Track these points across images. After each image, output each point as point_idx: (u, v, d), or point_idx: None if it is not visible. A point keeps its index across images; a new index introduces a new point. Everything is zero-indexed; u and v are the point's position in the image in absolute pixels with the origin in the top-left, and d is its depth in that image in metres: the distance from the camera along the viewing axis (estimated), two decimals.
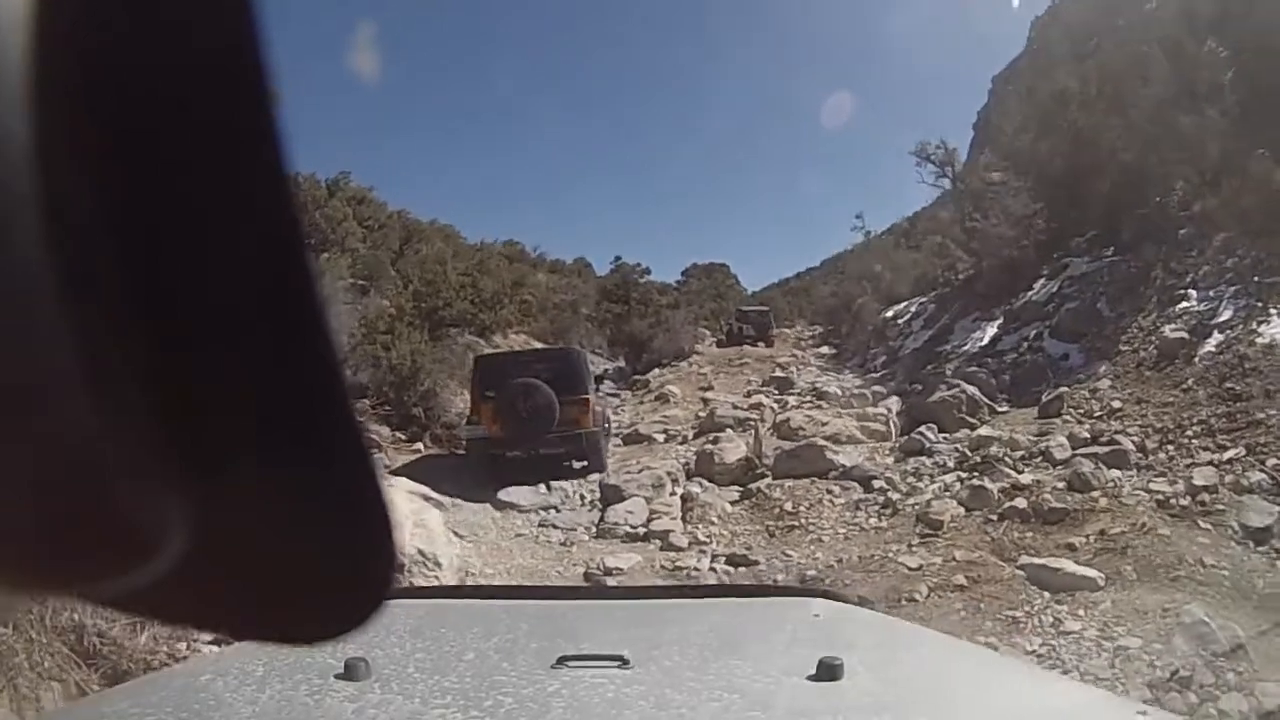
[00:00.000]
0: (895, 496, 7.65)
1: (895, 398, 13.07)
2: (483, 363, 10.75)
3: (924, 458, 8.82)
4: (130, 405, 0.25)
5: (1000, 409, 10.81)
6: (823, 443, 8.68)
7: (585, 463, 10.04)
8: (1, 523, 0.25)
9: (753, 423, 11.60)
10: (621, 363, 22.30)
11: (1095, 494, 6.85)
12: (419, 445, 12.03)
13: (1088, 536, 6.26)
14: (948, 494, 7.42)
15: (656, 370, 20.42)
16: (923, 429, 9.41)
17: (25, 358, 0.23)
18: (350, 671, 1.07)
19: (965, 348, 14.61)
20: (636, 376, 19.61)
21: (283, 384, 0.29)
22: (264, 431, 0.29)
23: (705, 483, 8.97)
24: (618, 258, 25.76)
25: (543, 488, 9.36)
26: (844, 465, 8.43)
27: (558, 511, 8.81)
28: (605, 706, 0.98)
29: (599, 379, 13.30)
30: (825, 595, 1.76)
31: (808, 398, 14.40)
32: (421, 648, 1.22)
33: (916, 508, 7.15)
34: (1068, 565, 5.74)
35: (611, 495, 8.71)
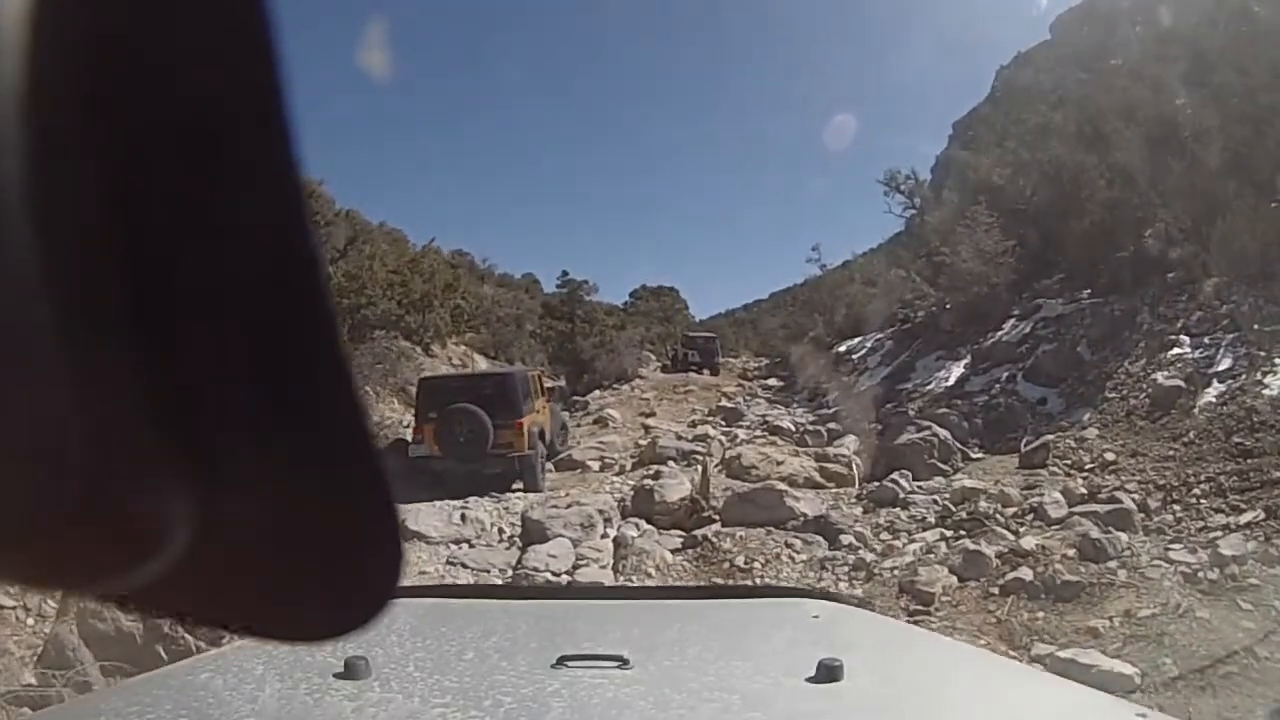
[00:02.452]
0: (868, 556, 6.35)
1: (853, 436, 11.99)
2: (426, 384, 11.20)
3: (898, 510, 7.55)
4: (132, 402, 0.25)
5: (974, 455, 9.75)
6: (781, 486, 7.30)
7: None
8: (4, 519, 0.24)
9: (699, 457, 10.22)
10: (561, 382, 20.97)
11: (1111, 564, 5.64)
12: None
13: (1111, 619, 5.05)
14: (932, 557, 6.12)
15: (597, 392, 19.41)
16: (895, 476, 8.14)
17: (27, 354, 0.23)
18: (350, 670, 1.06)
19: (929, 387, 13.67)
20: (576, 398, 18.27)
21: (287, 381, 0.28)
22: (268, 429, 0.29)
23: (643, 525, 7.52)
24: (564, 272, 24.43)
25: (457, 516, 7.93)
26: (805, 514, 7.09)
27: (470, 547, 7.64)
28: (605, 706, 0.98)
29: (558, 391, 13.68)
30: (825, 596, 1.80)
31: (759, 432, 13.11)
32: (421, 647, 1.21)
33: (898, 573, 5.84)
34: (1096, 659, 4.48)
35: (534, 533, 7.20)
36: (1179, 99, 13.39)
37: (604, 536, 7.27)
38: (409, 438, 11.64)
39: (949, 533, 6.56)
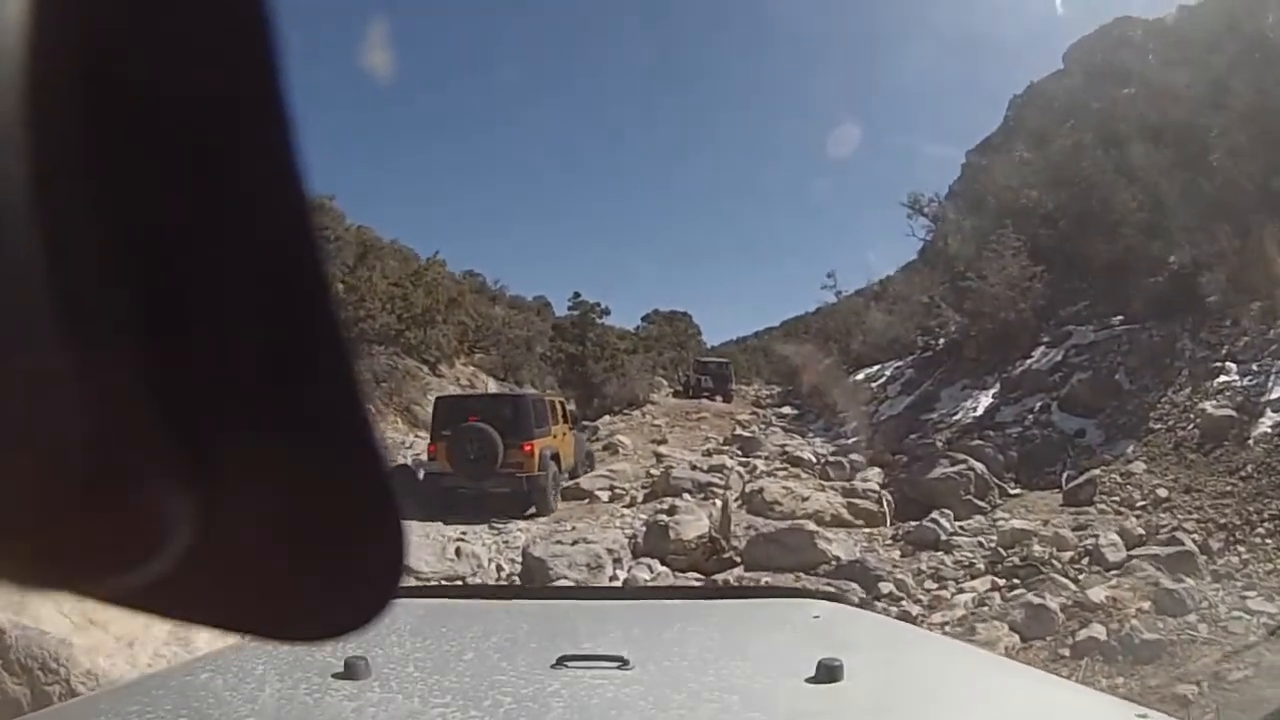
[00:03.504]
0: (913, 609, 5.73)
1: (877, 469, 11.40)
2: (442, 403, 11.50)
3: (941, 554, 6.93)
4: (134, 403, 0.25)
5: (1012, 491, 9.10)
6: (811, 526, 6.69)
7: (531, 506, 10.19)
8: (5, 519, 0.25)
9: (717, 490, 9.62)
10: (572, 406, 20.50)
11: (1190, 617, 5.04)
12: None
13: (1199, 682, 4.47)
14: (987, 610, 5.52)
15: (607, 417, 18.75)
16: (935, 516, 7.53)
17: (29, 354, 0.23)
18: (350, 670, 1.05)
19: (956, 417, 13.05)
20: (585, 422, 17.68)
21: (291, 381, 0.28)
22: (271, 429, 0.29)
23: (656, 566, 6.91)
24: (576, 294, 23.69)
25: (452, 549, 7.33)
26: (838, 558, 6.47)
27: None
28: (605, 706, 0.97)
29: (575, 416, 13.64)
30: (825, 597, 1.75)
31: (778, 463, 12.49)
32: (421, 647, 1.21)
33: (949, 629, 5.19)
34: None
35: (535, 572, 6.61)
36: (1203, 120, 12.99)
37: (612, 579, 6.66)
38: (409, 460, 12.04)
39: (1001, 581, 5.96)
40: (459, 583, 6.97)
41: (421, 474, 11.44)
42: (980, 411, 12.62)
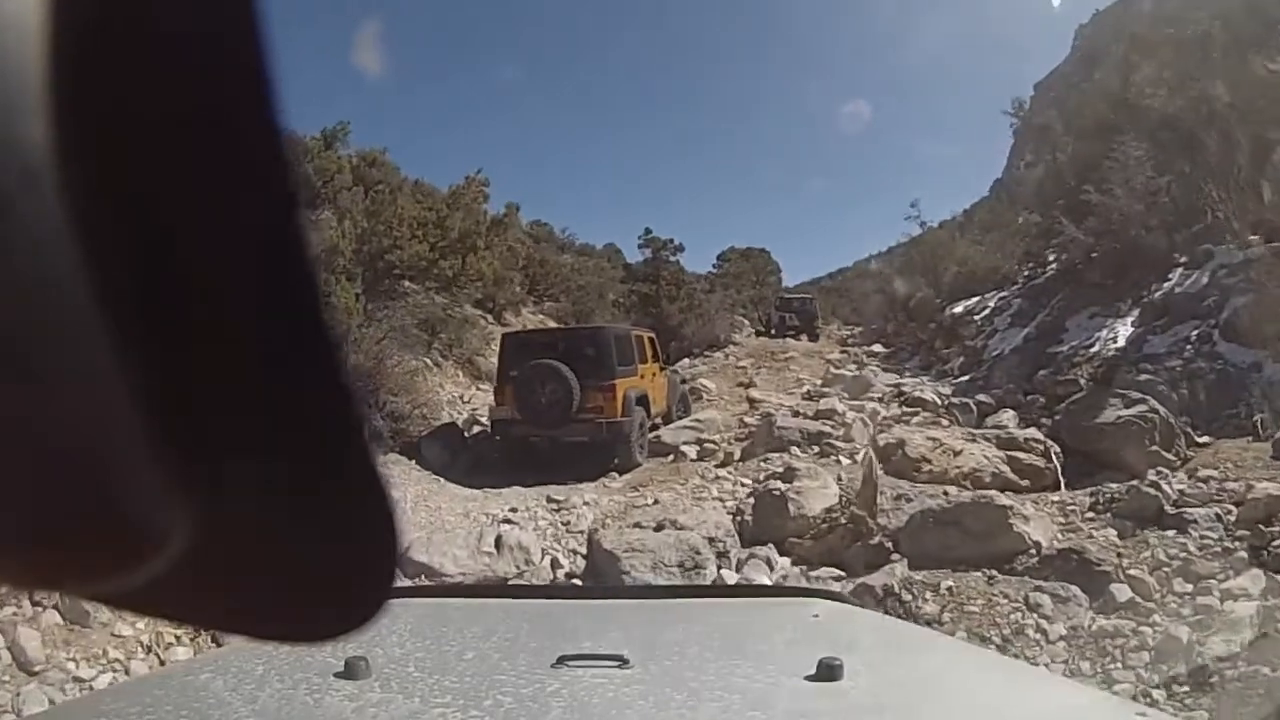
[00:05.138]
0: (1179, 630, 3.74)
1: (1010, 411, 9.64)
2: (509, 340, 10.06)
3: (1171, 533, 4.89)
4: (131, 401, 0.25)
5: (1198, 438, 7.23)
6: (1004, 500, 4.71)
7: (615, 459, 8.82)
8: (3, 519, 0.25)
9: (834, 442, 7.73)
10: None
11: None
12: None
13: None
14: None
15: (686, 360, 17.26)
16: (1153, 477, 5.45)
17: (28, 354, 0.23)
18: (350, 670, 1.05)
19: (1093, 349, 11.12)
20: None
21: (285, 379, 0.28)
22: (266, 428, 0.29)
23: (775, 560, 5.08)
24: (647, 230, 21.67)
25: (491, 538, 5.70)
26: (1038, 543, 4.51)
27: None
28: (605, 706, 0.97)
29: (667, 357, 11.90)
30: (826, 596, 1.70)
31: (897, 406, 10.48)
32: (421, 647, 1.20)
33: (1239, 678, 3.26)
34: None
35: (605, 570, 4.89)
36: None
37: (717, 584, 4.82)
38: (461, 418, 10.69)
39: None
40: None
41: (479, 426, 10.29)
42: (1122, 342, 10.76)
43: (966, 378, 13.22)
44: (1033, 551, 4.54)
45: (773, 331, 23.39)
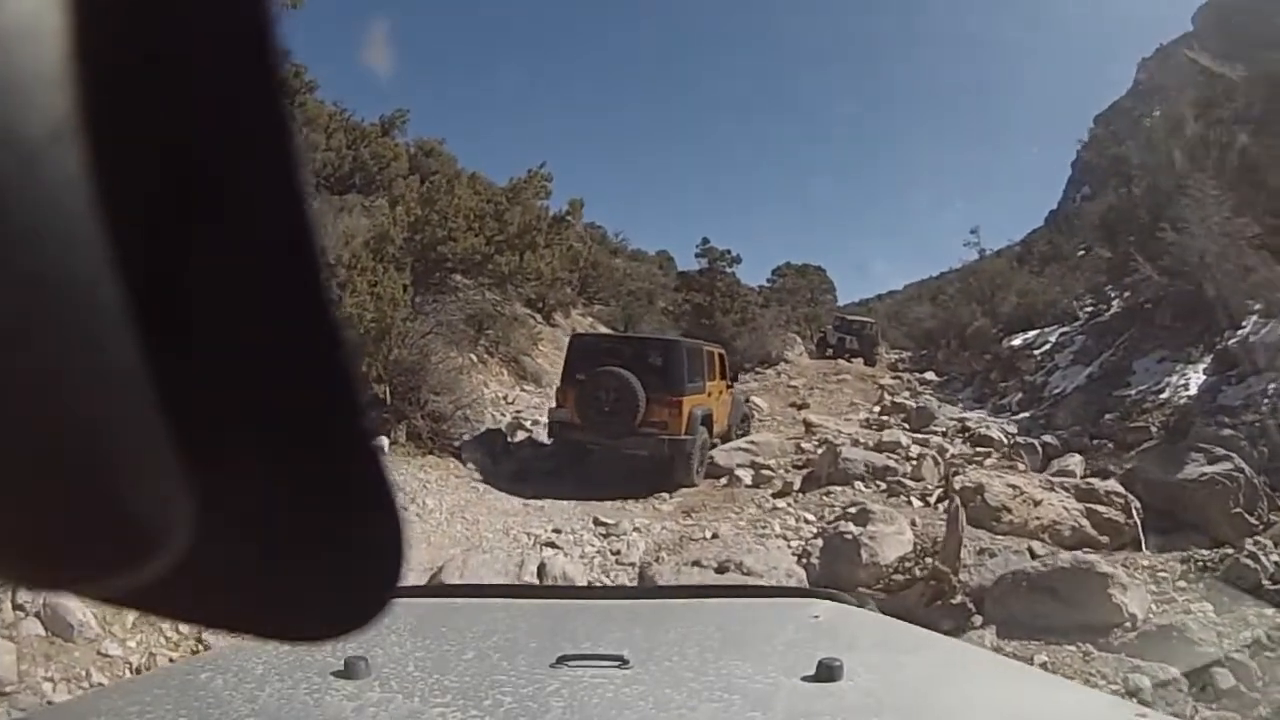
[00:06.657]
0: None
1: (1076, 456, 9.02)
2: (578, 342, 9.84)
3: (1270, 611, 4.56)
4: (134, 401, 0.25)
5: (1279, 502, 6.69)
6: (1106, 568, 4.43)
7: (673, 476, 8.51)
8: (4, 518, 0.25)
9: (902, 481, 7.44)
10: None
11: None
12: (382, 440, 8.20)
13: None
14: None
15: (739, 375, 16.86)
16: (1256, 547, 5.11)
17: (28, 352, 0.23)
18: (350, 670, 1.06)
19: (1163, 395, 10.70)
20: None
21: (287, 377, 0.28)
22: (268, 426, 0.29)
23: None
24: (704, 239, 21.34)
25: (533, 566, 5.58)
26: (1134, 616, 4.24)
27: None
28: (605, 706, 0.97)
29: (733, 373, 11.43)
30: (826, 596, 1.72)
31: (963, 443, 10.07)
32: (421, 646, 1.21)
33: None
34: None
35: None
36: None
37: None
38: (504, 423, 10.55)
39: None
40: None
41: (523, 432, 10.13)
42: (1194, 390, 10.39)
43: (1027, 414, 12.79)
44: (1128, 625, 4.25)
45: (829, 351, 23.28)
